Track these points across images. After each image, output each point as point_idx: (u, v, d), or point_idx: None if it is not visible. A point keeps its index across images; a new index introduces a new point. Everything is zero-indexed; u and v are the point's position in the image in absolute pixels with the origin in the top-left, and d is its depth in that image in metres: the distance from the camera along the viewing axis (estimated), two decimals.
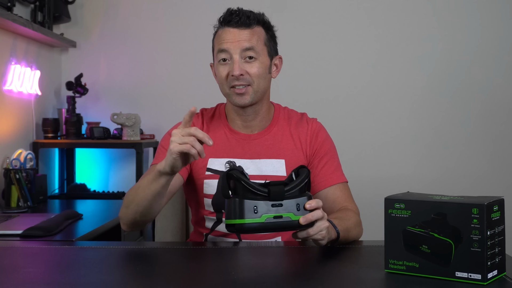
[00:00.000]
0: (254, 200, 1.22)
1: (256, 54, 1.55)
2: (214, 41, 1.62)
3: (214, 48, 1.61)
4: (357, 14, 3.16)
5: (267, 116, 1.65)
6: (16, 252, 1.44)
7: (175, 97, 3.17)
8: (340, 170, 1.63)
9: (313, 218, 1.25)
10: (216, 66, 1.59)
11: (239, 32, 1.55)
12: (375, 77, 3.16)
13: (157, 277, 1.15)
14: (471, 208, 1.05)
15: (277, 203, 1.22)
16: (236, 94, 1.55)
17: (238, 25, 1.56)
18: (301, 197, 1.25)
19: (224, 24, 1.58)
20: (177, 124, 1.66)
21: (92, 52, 3.19)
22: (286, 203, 1.23)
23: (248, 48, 1.55)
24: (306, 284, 1.11)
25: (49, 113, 3.06)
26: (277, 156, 1.60)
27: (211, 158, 1.60)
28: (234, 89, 1.55)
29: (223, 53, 1.56)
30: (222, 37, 1.56)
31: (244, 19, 1.56)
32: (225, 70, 1.56)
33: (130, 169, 3.13)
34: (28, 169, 2.41)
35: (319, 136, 1.64)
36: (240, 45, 1.54)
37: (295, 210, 1.23)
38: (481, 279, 1.05)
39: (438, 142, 3.14)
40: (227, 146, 1.61)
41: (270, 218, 1.21)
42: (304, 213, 1.24)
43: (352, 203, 1.59)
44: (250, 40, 1.55)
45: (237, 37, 1.55)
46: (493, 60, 3.13)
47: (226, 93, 1.58)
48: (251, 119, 1.62)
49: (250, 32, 1.56)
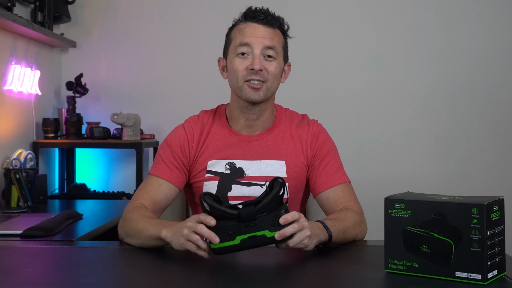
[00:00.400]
0: (227, 225, 1.22)
1: (275, 54, 1.56)
2: (232, 34, 1.60)
3: (232, 41, 1.59)
4: (359, 14, 3.16)
5: (270, 118, 1.65)
6: (16, 252, 1.44)
7: (175, 97, 3.17)
8: (342, 171, 1.62)
9: (287, 233, 1.23)
10: (232, 59, 1.57)
11: (263, 29, 1.56)
12: (376, 78, 3.16)
13: (157, 277, 1.15)
14: (471, 208, 1.05)
15: (250, 224, 1.21)
16: (250, 88, 1.54)
17: (263, 22, 1.56)
18: (276, 211, 1.23)
19: (248, 19, 1.57)
20: (174, 130, 1.65)
21: (92, 52, 3.19)
22: (259, 221, 1.22)
23: (270, 47, 1.55)
24: (306, 284, 1.11)
25: (49, 113, 3.06)
26: (277, 158, 1.60)
27: (211, 160, 1.60)
28: (249, 83, 1.54)
29: (244, 47, 1.54)
30: (245, 31, 1.56)
31: (270, 18, 1.57)
32: (242, 63, 1.54)
33: (130, 169, 3.13)
34: (28, 169, 2.41)
35: (320, 137, 1.64)
36: (263, 41, 1.54)
37: (270, 227, 1.22)
38: (481, 279, 1.05)
39: (438, 142, 3.15)
40: (227, 147, 1.61)
41: (245, 239, 1.21)
42: (279, 228, 1.22)
43: (354, 202, 1.57)
44: (273, 40, 1.56)
45: (261, 34, 1.55)
46: (495, 61, 3.13)
47: (239, 86, 1.55)
48: (254, 118, 1.62)
49: (273, 32, 1.57)
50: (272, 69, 1.55)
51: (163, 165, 1.58)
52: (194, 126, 1.63)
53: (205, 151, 1.61)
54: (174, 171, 1.58)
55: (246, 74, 1.54)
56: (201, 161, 1.60)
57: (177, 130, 1.65)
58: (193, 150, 1.60)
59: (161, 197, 1.55)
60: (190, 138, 1.61)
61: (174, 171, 1.57)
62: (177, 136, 1.62)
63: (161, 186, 1.56)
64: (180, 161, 1.59)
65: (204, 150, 1.61)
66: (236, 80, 1.56)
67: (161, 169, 1.58)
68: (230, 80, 1.59)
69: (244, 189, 1.57)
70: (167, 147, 1.61)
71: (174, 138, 1.62)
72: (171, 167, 1.58)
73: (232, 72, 1.57)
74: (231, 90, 1.62)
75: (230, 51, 1.59)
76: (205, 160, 1.60)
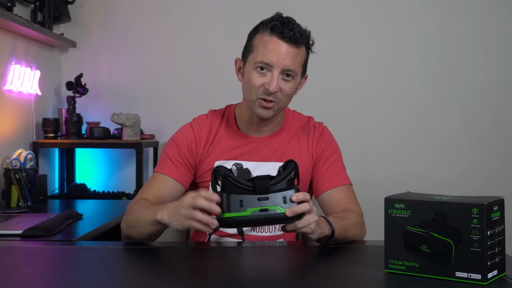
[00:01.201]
0: (240, 194, 1.22)
1: (294, 74, 1.53)
2: (255, 43, 1.53)
3: (254, 51, 1.53)
4: (357, 13, 3.16)
5: (279, 122, 1.66)
6: (16, 252, 1.44)
7: (175, 97, 3.17)
8: (344, 173, 1.64)
9: (299, 210, 1.24)
10: (250, 71, 1.53)
11: (288, 48, 1.49)
12: (375, 77, 3.16)
13: (158, 277, 1.15)
14: (471, 208, 1.05)
15: (263, 197, 1.22)
16: (261, 107, 1.53)
17: (289, 41, 1.49)
18: (288, 190, 1.25)
19: (274, 33, 1.50)
20: (182, 128, 1.66)
21: (92, 52, 3.19)
22: (272, 196, 1.23)
23: (290, 70, 1.51)
24: (306, 284, 1.11)
25: (49, 113, 3.06)
26: (284, 159, 1.60)
27: (218, 160, 1.60)
28: (261, 101, 1.52)
29: (264, 64, 1.50)
30: (269, 48, 1.49)
31: (297, 36, 1.50)
32: (260, 79, 1.51)
33: (130, 169, 3.13)
34: (28, 169, 2.41)
35: (325, 139, 1.66)
36: (284, 63, 1.49)
37: (282, 203, 1.23)
38: (481, 279, 1.05)
39: (438, 142, 3.14)
40: (234, 148, 1.61)
41: (256, 212, 1.22)
42: (291, 206, 1.24)
43: (355, 204, 1.59)
44: (294, 61, 1.51)
45: (284, 54, 1.49)
46: (496, 60, 3.13)
47: (252, 100, 1.54)
48: (264, 125, 1.63)
49: (297, 52, 1.52)
50: (287, 90, 1.53)
51: (169, 163, 1.58)
52: (202, 126, 1.63)
53: (213, 151, 1.61)
54: (180, 169, 1.58)
55: (261, 92, 1.52)
56: (208, 162, 1.60)
57: (184, 129, 1.65)
58: (200, 150, 1.61)
59: (166, 194, 1.55)
60: (197, 138, 1.61)
61: (180, 169, 1.58)
62: (184, 135, 1.62)
63: (166, 182, 1.56)
64: (186, 160, 1.59)
65: (211, 151, 1.61)
66: (250, 93, 1.54)
67: (167, 166, 1.58)
68: (244, 89, 1.58)
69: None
70: (174, 145, 1.61)
71: (181, 137, 1.62)
72: (177, 165, 1.58)
73: (247, 83, 1.55)
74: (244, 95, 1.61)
75: (249, 60, 1.55)
76: (212, 161, 1.60)
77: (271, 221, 1.26)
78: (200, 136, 1.61)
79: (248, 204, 1.22)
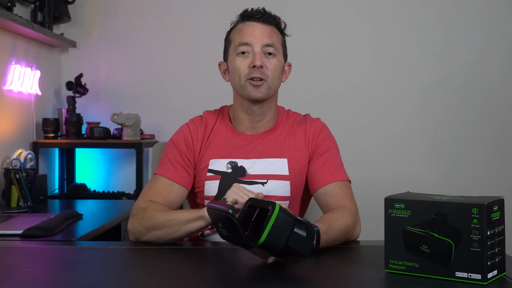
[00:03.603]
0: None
1: (275, 51, 1.59)
2: (231, 36, 1.63)
3: (232, 42, 1.62)
4: (357, 13, 3.16)
5: (273, 118, 1.66)
6: (16, 252, 1.44)
7: (175, 97, 3.17)
8: (341, 169, 1.62)
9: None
10: (234, 59, 1.59)
11: (262, 27, 1.59)
12: (375, 77, 3.16)
13: (157, 277, 1.15)
14: (471, 208, 1.05)
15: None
16: (252, 86, 1.56)
17: (260, 21, 1.60)
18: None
19: (245, 19, 1.61)
20: (179, 129, 1.66)
21: (92, 52, 3.19)
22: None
23: (269, 44, 1.58)
24: (306, 284, 1.11)
25: (49, 113, 3.06)
26: (279, 155, 1.60)
27: (213, 159, 1.60)
28: (251, 81, 1.56)
29: (244, 46, 1.57)
30: (244, 31, 1.59)
31: (266, 17, 1.61)
32: (244, 62, 1.57)
33: (130, 169, 3.13)
34: (28, 169, 2.41)
35: (321, 133, 1.65)
36: (262, 39, 1.57)
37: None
38: (481, 279, 1.05)
39: (438, 142, 3.15)
40: (229, 146, 1.62)
41: None
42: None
43: (350, 201, 1.56)
44: (271, 37, 1.59)
45: (260, 32, 1.58)
46: (493, 60, 3.13)
47: (241, 85, 1.58)
48: (258, 119, 1.63)
49: (271, 29, 1.61)
50: (272, 66, 1.57)
51: (170, 166, 1.58)
52: (198, 125, 1.65)
53: (208, 149, 1.62)
54: (182, 172, 1.58)
55: (248, 72, 1.56)
56: (204, 159, 1.61)
57: (181, 129, 1.67)
58: (198, 147, 1.62)
59: (174, 198, 1.57)
60: (194, 136, 1.63)
61: (181, 172, 1.58)
62: (182, 134, 1.64)
63: (172, 186, 1.57)
64: (186, 159, 1.60)
65: (206, 148, 1.62)
66: (239, 79, 1.57)
67: (169, 170, 1.58)
68: (233, 81, 1.61)
69: (245, 187, 1.58)
70: (173, 146, 1.62)
71: (179, 137, 1.64)
72: (178, 167, 1.58)
73: (234, 71, 1.59)
74: (234, 91, 1.63)
75: (230, 52, 1.62)
76: (207, 159, 1.60)
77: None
78: (197, 134, 1.63)
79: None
